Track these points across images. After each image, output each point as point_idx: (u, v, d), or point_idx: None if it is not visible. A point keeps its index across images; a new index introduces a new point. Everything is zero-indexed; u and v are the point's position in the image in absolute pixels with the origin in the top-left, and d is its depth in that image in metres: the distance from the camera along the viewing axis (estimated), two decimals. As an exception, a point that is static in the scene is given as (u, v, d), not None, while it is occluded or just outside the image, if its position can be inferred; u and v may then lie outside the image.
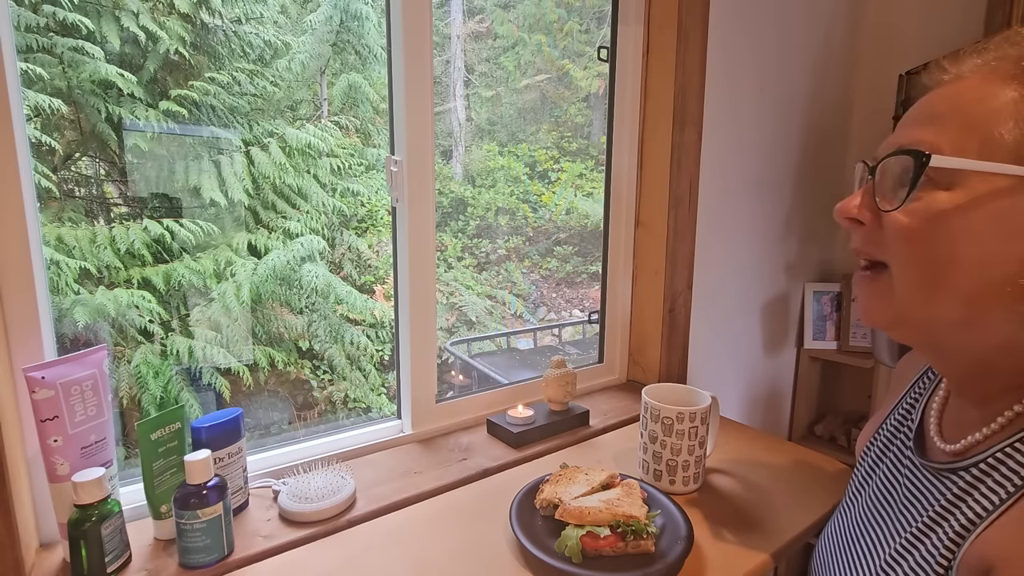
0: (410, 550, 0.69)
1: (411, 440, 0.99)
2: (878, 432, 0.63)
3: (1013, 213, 0.39)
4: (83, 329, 2.07)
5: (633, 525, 0.65)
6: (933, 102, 0.44)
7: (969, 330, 0.44)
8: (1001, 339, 0.43)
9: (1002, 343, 0.43)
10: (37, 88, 2.05)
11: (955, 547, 0.42)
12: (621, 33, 1.18)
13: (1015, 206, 0.39)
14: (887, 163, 0.45)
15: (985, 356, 0.45)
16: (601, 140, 1.28)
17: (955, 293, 0.42)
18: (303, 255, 2.68)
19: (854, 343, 1.53)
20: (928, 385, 0.58)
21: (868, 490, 0.59)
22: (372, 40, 3.11)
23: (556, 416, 1.03)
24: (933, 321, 0.45)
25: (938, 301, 0.43)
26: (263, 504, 0.77)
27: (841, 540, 0.58)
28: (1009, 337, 0.42)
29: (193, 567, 0.63)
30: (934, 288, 0.43)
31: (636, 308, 1.30)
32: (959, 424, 0.50)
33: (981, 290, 0.41)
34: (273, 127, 2.71)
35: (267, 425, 2.69)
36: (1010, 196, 0.39)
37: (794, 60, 1.42)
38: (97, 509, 0.59)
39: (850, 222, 0.48)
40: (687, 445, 0.80)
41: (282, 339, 2.78)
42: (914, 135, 0.44)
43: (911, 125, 0.45)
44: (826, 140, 1.57)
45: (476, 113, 4.16)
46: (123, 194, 2.39)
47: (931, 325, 0.45)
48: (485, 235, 3.77)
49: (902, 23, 1.51)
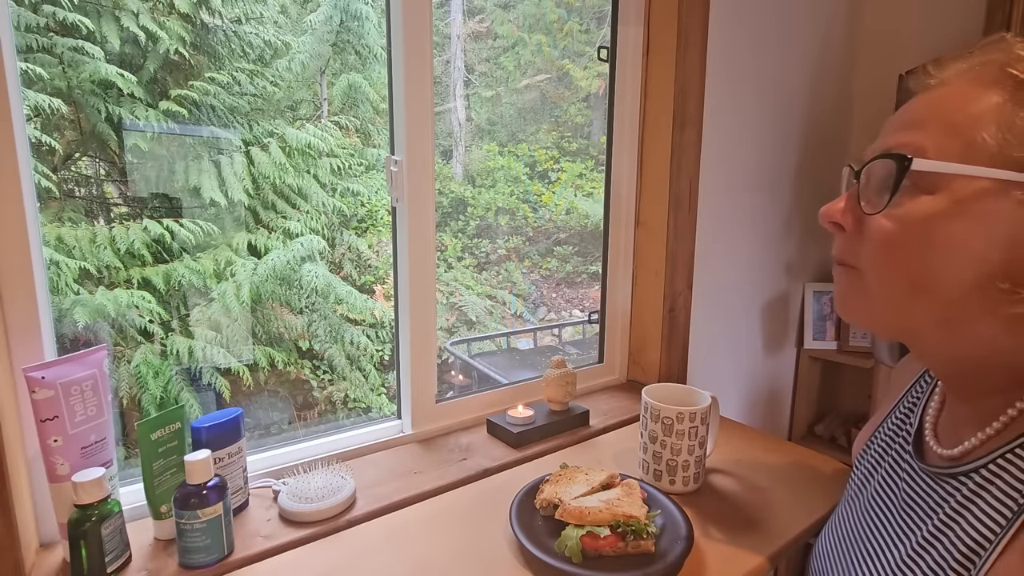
0: (410, 550, 0.69)
1: (411, 440, 0.99)
2: (875, 434, 0.62)
3: (995, 217, 0.39)
4: (83, 329, 2.07)
5: (633, 525, 0.65)
6: (917, 107, 0.45)
7: (949, 333, 0.44)
8: (984, 342, 0.43)
9: (985, 346, 0.43)
10: (37, 88, 2.05)
11: (969, 563, 0.41)
12: (621, 33, 1.18)
13: (997, 210, 0.39)
14: (871, 167, 0.45)
15: (969, 358, 0.45)
16: (601, 140, 1.28)
17: (935, 298, 0.42)
18: (303, 255, 2.68)
19: (854, 343, 1.53)
20: (926, 388, 0.58)
21: (867, 492, 0.58)
22: (372, 40, 3.11)
23: (556, 416, 1.03)
24: (910, 326, 0.45)
25: (916, 307, 0.43)
26: (263, 504, 0.77)
27: (841, 542, 0.58)
28: (992, 339, 0.42)
29: (193, 567, 0.63)
30: (912, 294, 0.43)
31: (636, 308, 1.30)
32: (955, 427, 0.50)
33: (962, 294, 0.41)
34: (273, 127, 2.71)
35: (267, 425, 2.69)
36: (993, 200, 0.39)
37: (794, 60, 1.42)
38: (97, 509, 0.59)
39: (832, 226, 0.49)
40: (687, 445, 0.80)
41: (282, 339, 2.78)
42: (898, 139, 0.44)
43: (895, 129, 0.45)
44: (826, 140, 1.57)
45: (476, 113, 4.16)
46: (123, 194, 2.39)
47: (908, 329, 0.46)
48: (485, 235, 3.77)
49: (902, 24, 1.51)
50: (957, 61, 0.44)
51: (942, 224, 0.41)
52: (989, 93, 0.40)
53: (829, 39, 1.50)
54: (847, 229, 0.47)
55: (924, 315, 0.43)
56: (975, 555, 0.41)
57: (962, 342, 0.44)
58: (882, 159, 0.44)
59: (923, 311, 0.43)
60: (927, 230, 0.41)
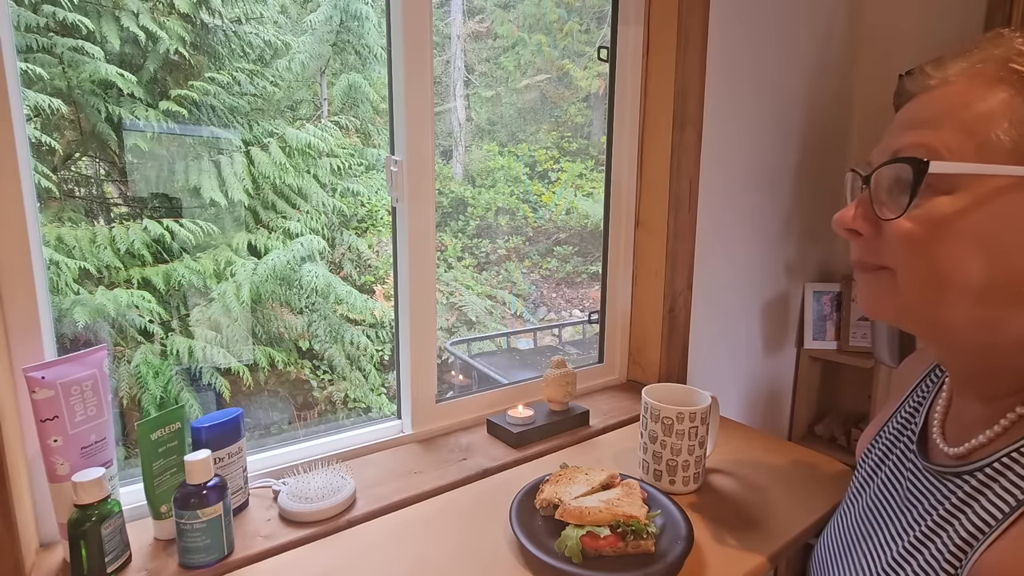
0: (410, 550, 0.69)
1: (411, 440, 0.99)
2: (879, 435, 0.62)
3: (1018, 211, 0.39)
4: (83, 329, 2.07)
5: (633, 525, 0.65)
6: (923, 107, 0.44)
7: (979, 329, 0.44)
8: (1012, 337, 0.43)
9: (1013, 341, 0.43)
10: (37, 88, 2.05)
11: (962, 554, 0.41)
12: (621, 33, 1.18)
13: (1018, 204, 0.39)
14: (883, 171, 0.45)
15: (995, 353, 0.45)
16: (601, 140, 1.28)
17: (964, 294, 0.42)
18: (303, 255, 2.68)
19: (854, 343, 1.53)
20: (932, 388, 0.58)
21: (869, 492, 0.58)
22: (372, 40, 3.11)
23: (556, 416, 1.03)
24: (942, 320, 0.44)
25: (947, 303, 0.43)
26: (263, 504, 0.77)
27: (841, 542, 0.58)
28: (1020, 335, 0.42)
29: (193, 567, 0.63)
30: (942, 291, 0.42)
31: (636, 308, 1.30)
32: (962, 426, 0.50)
33: (991, 290, 0.41)
34: (273, 127, 2.71)
35: (267, 425, 2.69)
36: (1014, 195, 0.39)
37: (794, 60, 1.42)
38: (97, 509, 0.59)
39: (848, 233, 0.48)
40: (687, 445, 0.80)
41: (282, 339, 2.78)
42: (906, 140, 0.44)
43: (902, 131, 0.45)
44: (826, 140, 1.57)
45: (476, 113, 4.16)
46: (123, 194, 2.39)
47: (939, 324, 0.45)
48: (485, 235, 3.77)
49: (902, 23, 1.51)
50: (957, 60, 0.44)
51: (965, 222, 0.41)
52: (995, 90, 0.40)
53: (828, 39, 1.50)
54: (864, 234, 0.47)
55: (958, 309, 0.43)
56: (967, 546, 0.41)
57: (994, 335, 0.44)
58: (895, 163, 0.43)
59: (957, 305, 0.43)
60: (951, 229, 0.41)
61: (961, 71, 0.43)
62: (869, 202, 0.46)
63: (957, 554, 0.42)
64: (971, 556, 0.41)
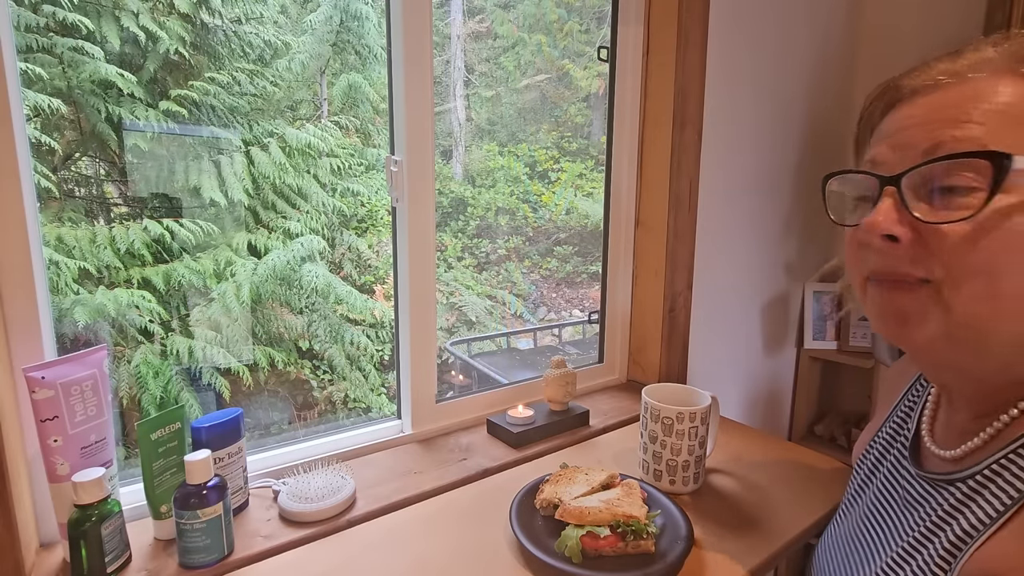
0: (410, 550, 0.69)
1: (411, 440, 0.99)
2: (874, 440, 0.62)
3: None
4: (83, 329, 2.07)
5: (633, 525, 0.65)
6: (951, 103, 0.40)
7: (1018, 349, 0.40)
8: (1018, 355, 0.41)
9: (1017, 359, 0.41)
10: (37, 88, 2.05)
11: (951, 557, 0.41)
12: (621, 33, 1.18)
13: None
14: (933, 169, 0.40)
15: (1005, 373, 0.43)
16: (601, 140, 1.28)
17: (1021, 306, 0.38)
18: (303, 255, 2.68)
19: (854, 343, 1.53)
20: (922, 392, 0.58)
21: (866, 495, 0.58)
22: (372, 40, 3.11)
23: (556, 416, 1.03)
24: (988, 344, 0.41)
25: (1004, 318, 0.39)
26: (263, 504, 0.77)
27: (839, 545, 0.58)
28: None
29: (193, 567, 0.63)
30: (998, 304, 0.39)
31: (636, 308, 1.30)
32: (951, 430, 0.50)
33: None
34: (273, 127, 2.71)
35: (267, 425, 2.69)
36: None
37: (794, 60, 1.42)
38: (97, 509, 0.59)
39: (885, 240, 0.42)
40: (687, 445, 0.80)
41: (282, 339, 2.78)
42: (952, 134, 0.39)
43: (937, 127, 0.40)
44: (826, 140, 1.57)
45: (476, 113, 4.16)
46: (123, 194, 2.40)
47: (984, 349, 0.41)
48: (485, 235, 3.77)
49: (902, 23, 1.51)
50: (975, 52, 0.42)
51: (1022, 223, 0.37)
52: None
53: (828, 39, 1.50)
54: (904, 241, 0.41)
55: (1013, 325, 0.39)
56: (957, 550, 0.41)
57: None
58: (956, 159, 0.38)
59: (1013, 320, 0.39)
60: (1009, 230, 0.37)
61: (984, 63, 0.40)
62: (902, 205, 0.41)
63: (947, 558, 0.42)
64: (960, 558, 0.40)
